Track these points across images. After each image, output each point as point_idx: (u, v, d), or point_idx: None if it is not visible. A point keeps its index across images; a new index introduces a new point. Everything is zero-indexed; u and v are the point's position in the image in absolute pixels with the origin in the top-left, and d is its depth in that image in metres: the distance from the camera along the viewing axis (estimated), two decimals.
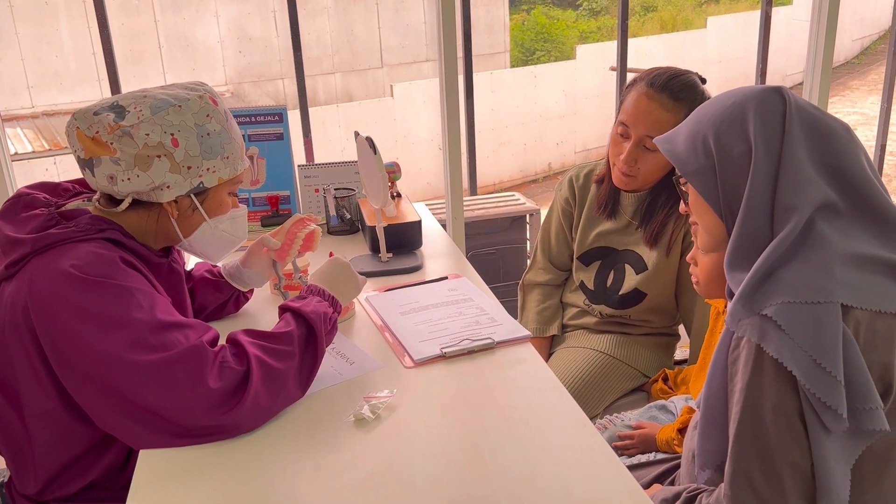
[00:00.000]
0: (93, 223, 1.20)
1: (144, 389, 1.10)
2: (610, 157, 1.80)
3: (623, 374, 1.83)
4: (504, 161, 10.90)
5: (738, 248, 1.07)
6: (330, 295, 1.35)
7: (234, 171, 1.31)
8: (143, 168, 1.20)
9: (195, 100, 1.24)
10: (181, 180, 1.24)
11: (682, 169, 1.13)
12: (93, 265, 1.14)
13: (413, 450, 1.12)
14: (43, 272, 1.14)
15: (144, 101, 1.21)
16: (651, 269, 1.81)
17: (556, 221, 1.99)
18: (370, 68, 11.12)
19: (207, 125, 1.25)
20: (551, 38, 14.22)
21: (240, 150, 1.32)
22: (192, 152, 1.23)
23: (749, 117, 1.06)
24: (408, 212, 1.95)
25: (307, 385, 1.25)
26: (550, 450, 1.11)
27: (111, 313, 1.11)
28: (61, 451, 1.22)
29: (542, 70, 11.35)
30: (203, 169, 1.25)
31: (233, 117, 1.33)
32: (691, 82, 1.69)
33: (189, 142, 1.22)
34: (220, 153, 1.27)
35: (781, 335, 0.97)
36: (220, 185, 1.30)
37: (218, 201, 1.32)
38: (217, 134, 1.26)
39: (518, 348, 1.40)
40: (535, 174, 11.29)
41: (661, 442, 1.52)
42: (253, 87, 10.59)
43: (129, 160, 1.19)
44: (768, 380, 0.99)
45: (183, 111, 1.22)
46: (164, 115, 1.21)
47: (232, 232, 1.37)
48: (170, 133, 1.21)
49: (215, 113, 1.26)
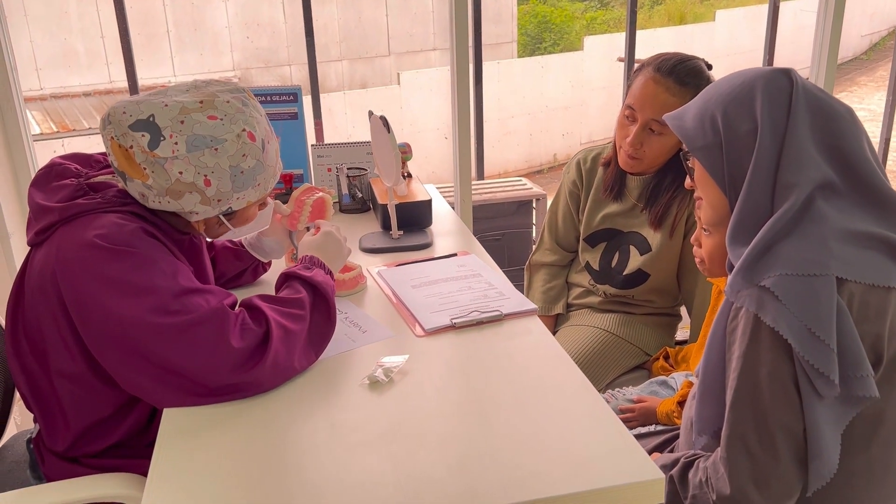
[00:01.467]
0: (119, 196, 1.25)
1: (169, 351, 1.15)
2: (616, 140, 1.85)
3: (625, 351, 1.89)
4: (509, 151, 10.93)
5: (739, 223, 1.12)
6: (328, 269, 1.41)
7: (263, 192, 1.33)
8: (174, 198, 1.23)
9: (232, 141, 1.22)
10: (210, 210, 1.27)
11: (690, 145, 1.17)
12: (117, 234, 1.18)
13: (424, 411, 1.17)
14: (69, 241, 1.19)
15: (181, 131, 1.19)
16: (655, 250, 1.86)
17: (563, 203, 2.03)
18: (377, 56, 11.15)
19: (242, 164, 1.24)
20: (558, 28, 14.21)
21: (273, 171, 1.33)
22: (223, 189, 1.25)
23: (757, 97, 1.10)
24: (418, 191, 1.99)
25: (321, 349, 1.31)
26: (554, 412, 1.16)
27: (135, 280, 1.16)
28: (89, 411, 1.27)
29: (549, 60, 11.37)
30: (233, 199, 1.28)
31: (271, 132, 1.32)
32: (697, 67, 1.73)
33: (222, 182, 1.24)
34: (251, 184, 1.28)
35: (779, 305, 1.02)
36: (249, 205, 1.34)
37: (245, 217, 1.37)
38: (251, 170, 1.26)
39: (525, 321, 1.45)
40: (540, 165, 11.32)
41: (662, 414, 1.57)
42: (260, 73, 10.61)
43: (161, 189, 1.22)
44: (765, 347, 1.04)
45: (219, 154, 1.22)
46: (199, 157, 1.20)
47: (255, 227, 1.44)
48: (203, 174, 1.22)
49: (251, 150, 1.25)
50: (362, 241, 1.87)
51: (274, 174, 1.34)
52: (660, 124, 1.72)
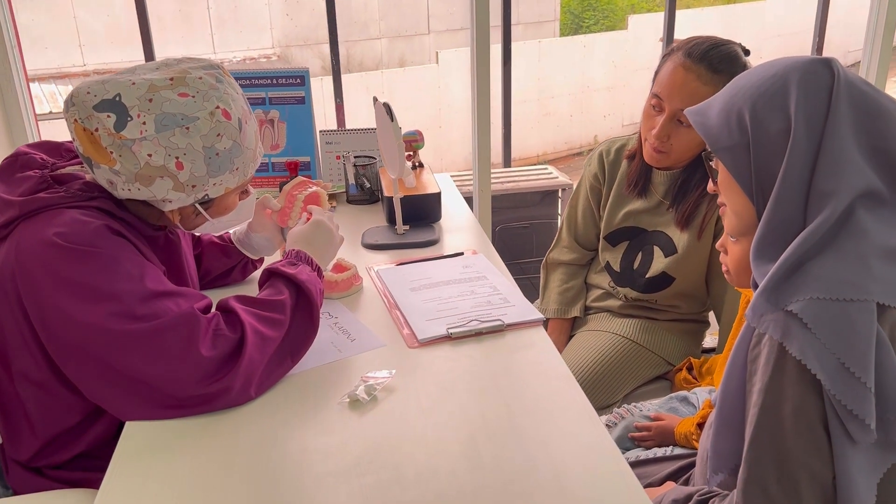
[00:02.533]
0: (85, 189, 1.16)
1: (133, 359, 1.07)
2: (642, 131, 1.70)
3: (646, 361, 1.75)
4: (548, 132, 10.71)
5: (766, 236, 0.98)
6: (317, 265, 1.30)
7: (243, 178, 1.23)
8: (145, 184, 1.13)
9: (205, 119, 1.12)
10: (185, 197, 1.17)
11: (713, 144, 1.04)
12: (78, 233, 1.09)
13: (405, 436, 1.06)
14: (29, 239, 1.10)
15: (150, 110, 1.10)
16: (681, 252, 1.71)
17: (583, 198, 1.89)
18: (416, 34, 10.99)
19: (217, 144, 1.15)
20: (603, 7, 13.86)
21: (252, 155, 1.23)
22: (197, 173, 1.15)
23: (791, 91, 0.96)
24: (428, 183, 1.87)
25: (298, 356, 1.21)
26: (551, 443, 1.04)
27: (96, 284, 1.07)
28: (54, 419, 1.19)
29: (591, 40, 11.08)
30: (209, 185, 1.18)
31: (248, 112, 1.22)
32: (732, 53, 1.57)
33: (195, 164, 1.14)
34: (228, 168, 1.18)
35: (807, 334, 0.89)
36: (228, 192, 1.23)
37: (225, 205, 1.27)
38: (227, 151, 1.16)
39: (529, 332, 1.33)
40: (580, 146, 11.08)
41: (680, 435, 1.44)
42: (300, 51, 10.55)
43: (130, 175, 1.12)
44: (790, 381, 0.91)
45: (191, 133, 1.12)
46: (170, 137, 1.10)
47: (237, 219, 1.33)
48: (174, 156, 1.12)
49: (227, 129, 1.15)
50: (365, 235, 1.76)
51: (254, 158, 1.24)
52: None
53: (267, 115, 2.03)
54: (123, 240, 1.14)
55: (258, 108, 2.03)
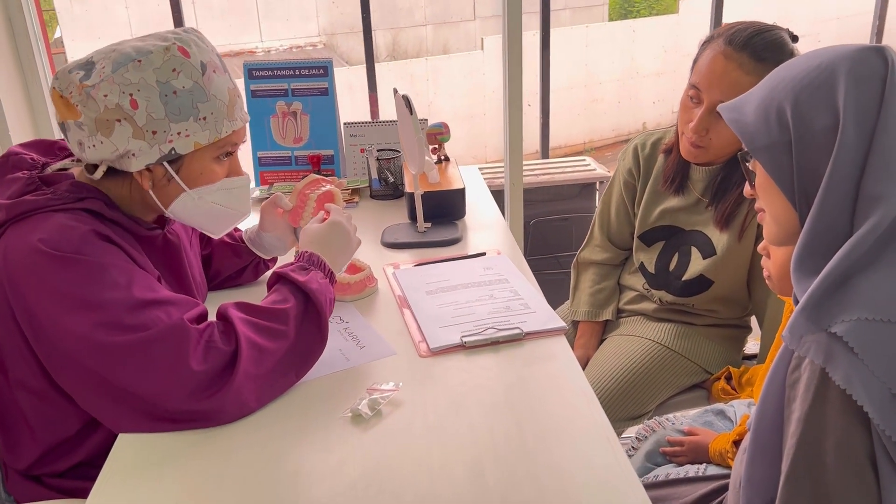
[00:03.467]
0: (72, 190, 1.10)
1: (122, 371, 1.02)
2: (679, 125, 1.58)
3: (681, 369, 1.64)
4: (596, 119, 10.51)
5: (809, 245, 0.88)
6: (330, 269, 1.22)
7: (215, 134, 1.14)
8: (105, 134, 1.07)
9: (158, 52, 1.07)
10: (147, 147, 1.09)
11: (751, 144, 0.93)
12: (64, 239, 1.04)
13: (407, 457, 0.99)
14: (15, 245, 1.06)
15: (110, 57, 1.07)
16: (720, 253, 1.60)
17: (616, 194, 1.79)
18: (462, 20, 10.87)
19: (173, 81, 1.08)
20: None
21: (224, 108, 1.14)
22: (154, 114, 1.08)
23: (839, 83, 0.85)
24: (453, 178, 1.79)
25: (304, 370, 1.14)
26: (565, 469, 0.95)
27: (80, 293, 1.02)
28: (53, 428, 1.15)
29: (641, 24, 10.81)
30: (172, 133, 1.10)
31: (222, 69, 1.16)
32: (778, 39, 1.44)
33: (151, 102, 1.07)
34: (192, 114, 1.10)
35: (853, 359, 0.79)
36: (199, 150, 1.14)
37: (199, 170, 1.16)
38: (186, 92, 1.09)
39: (549, 341, 1.24)
40: (628, 134, 10.84)
41: (714, 453, 1.33)
42: (345, 39, 10.53)
43: (91, 125, 1.07)
44: (832, 412, 0.81)
45: (143, 66, 1.06)
46: (124, 73, 1.06)
47: (226, 204, 1.21)
48: (128, 93, 1.06)
49: (184, 66, 1.09)
50: (385, 233, 1.68)
51: (226, 113, 1.14)
52: None
53: (290, 107, 1.97)
54: (112, 245, 1.09)
55: (280, 99, 1.96)
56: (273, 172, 2.01)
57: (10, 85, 2.04)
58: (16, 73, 2.07)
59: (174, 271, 1.25)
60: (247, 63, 1.95)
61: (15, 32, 2.04)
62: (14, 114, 2.04)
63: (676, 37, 10.43)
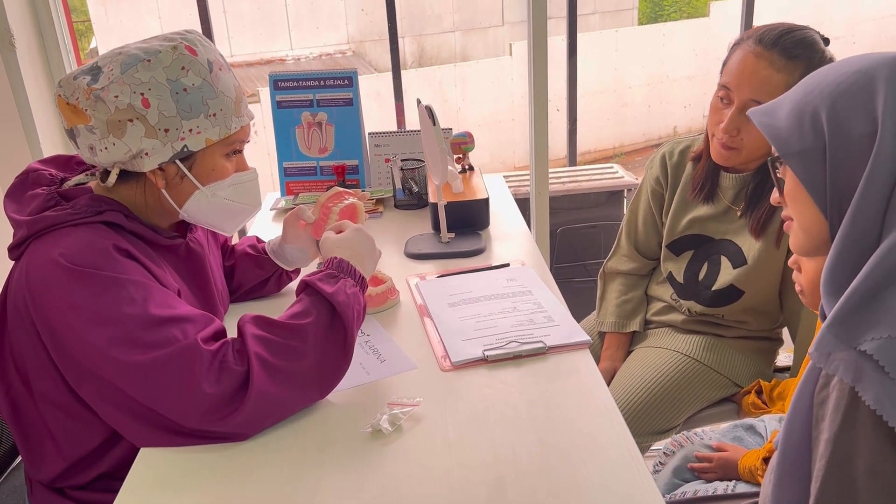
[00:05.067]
0: (91, 204, 1.11)
1: (138, 387, 1.02)
2: (709, 127, 1.55)
3: (711, 382, 1.61)
4: (625, 124, 10.42)
5: (840, 257, 0.84)
6: (360, 275, 1.19)
7: (225, 130, 1.15)
8: (118, 135, 1.08)
9: (167, 52, 1.10)
10: (160, 146, 1.11)
11: (782, 149, 0.90)
12: (83, 254, 1.05)
13: (428, 475, 0.97)
14: (37, 260, 1.07)
15: (117, 59, 1.08)
16: (751, 263, 1.56)
17: (644, 203, 1.76)
18: (490, 26, 10.86)
19: (183, 79, 1.10)
20: None
21: (232, 105, 1.16)
22: (166, 112, 1.09)
23: (878, 89, 0.82)
24: (477, 188, 1.78)
25: (327, 387, 1.11)
26: (588, 487, 0.93)
27: (97, 308, 1.02)
28: (77, 441, 1.15)
29: (671, 28, 10.70)
30: (184, 131, 1.11)
31: (227, 67, 1.17)
32: (808, 37, 1.42)
33: (162, 100, 1.09)
34: (202, 111, 1.12)
35: (884, 379, 0.76)
36: (211, 146, 1.15)
37: (211, 166, 1.17)
38: (196, 89, 1.11)
39: (573, 356, 1.22)
40: (658, 138, 10.73)
41: (744, 469, 1.30)
42: (374, 46, 10.58)
43: (103, 127, 1.08)
44: (863, 434, 0.78)
45: (152, 66, 1.08)
46: (133, 73, 1.07)
47: (237, 199, 1.22)
48: (139, 93, 1.07)
49: (193, 64, 1.11)
50: (408, 244, 1.68)
51: (234, 110, 1.16)
52: None
53: (315, 118, 1.97)
54: (131, 260, 1.09)
55: (305, 110, 1.97)
56: (298, 183, 2.02)
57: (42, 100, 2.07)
58: (47, 91, 2.10)
59: (198, 280, 1.25)
60: (272, 74, 1.96)
61: (46, 47, 2.07)
62: (45, 126, 2.07)
63: (707, 40, 10.31)
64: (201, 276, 1.27)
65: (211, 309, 1.29)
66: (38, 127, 2.01)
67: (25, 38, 2.02)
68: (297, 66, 9.70)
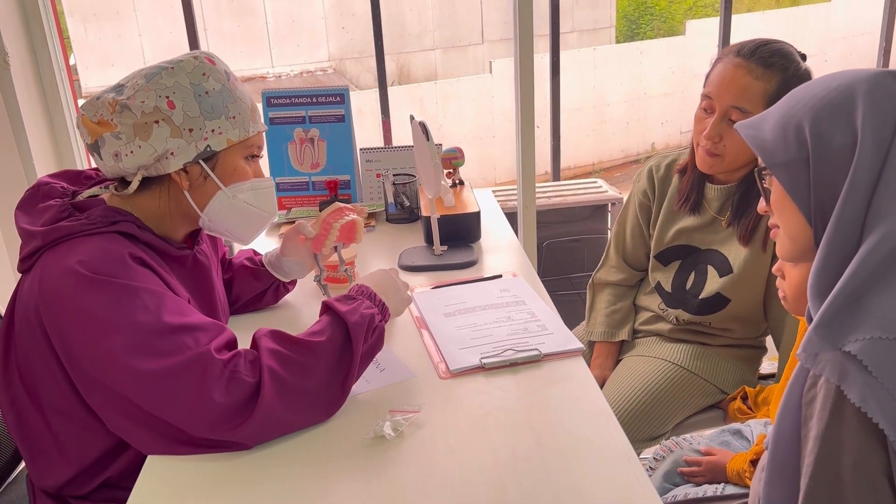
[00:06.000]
0: (106, 214, 1.14)
1: (148, 396, 1.04)
2: (694, 137, 1.62)
3: (698, 389, 1.65)
4: (604, 140, 10.54)
5: (825, 261, 0.88)
6: (381, 300, 1.22)
7: (244, 133, 1.21)
8: (144, 137, 1.14)
9: (189, 60, 1.18)
10: (185, 145, 1.16)
11: (768, 160, 0.95)
12: (99, 262, 1.07)
13: (431, 479, 1.00)
14: (51, 268, 1.09)
15: (140, 73, 1.17)
16: (737, 271, 1.61)
17: (632, 216, 1.81)
18: (470, 44, 10.96)
19: (205, 83, 1.17)
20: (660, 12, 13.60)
21: (249, 111, 1.23)
22: (191, 113, 1.15)
23: (857, 103, 0.87)
24: (468, 201, 1.82)
25: (333, 407, 1.13)
26: (587, 488, 0.97)
27: (112, 316, 1.04)
28: (83, 450, 1.17)
29: (648, 46, 10.87)
30: (207, 130, 1.17)
31: (237, 79, 1.24)
32: (784, 49, 1.51)
33: (186, 102, 1.15)
34: (223, 112, 1.18)
35: (867, 378, 0.80)
36: (231, 148, 1.21)
37: (232, 167, 1.22)
38: (217, 93, 1.18)
39: (567, 363, 1.25)
40: (636, 154, 10.86)
41: (732, 472, 1.34)
42: (354, 64, 10.64)
43: (129, 132, 1.14)
44: (849, 430, 0.82)
45: (176, 72, 1.16)
46: (158, 80, 1.15)
47: (256, 204, 1.26)
48: (165, 96, 1.14)
49: (212, 72, 1.19)
50: (402, 256, 1.71)
51: (251, 116, 1.23)
52: (741, 112, 1.48)
53: (307, 134, 2.01)
54: (145, 268, 1.11)
55: (298, 126, 2.00)
56: (291, 198, 2.05)
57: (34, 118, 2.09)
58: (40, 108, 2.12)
59: (202, 292, 1.28)
60: (265, 91, 1.99)
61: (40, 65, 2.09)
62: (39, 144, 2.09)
63: (683, 58, 10.49)
64: (206, 288, 1.29)
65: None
66: (31, 145, 2.03)
67: (19, 57, 2.04)
68: (279, 84, 9.73)
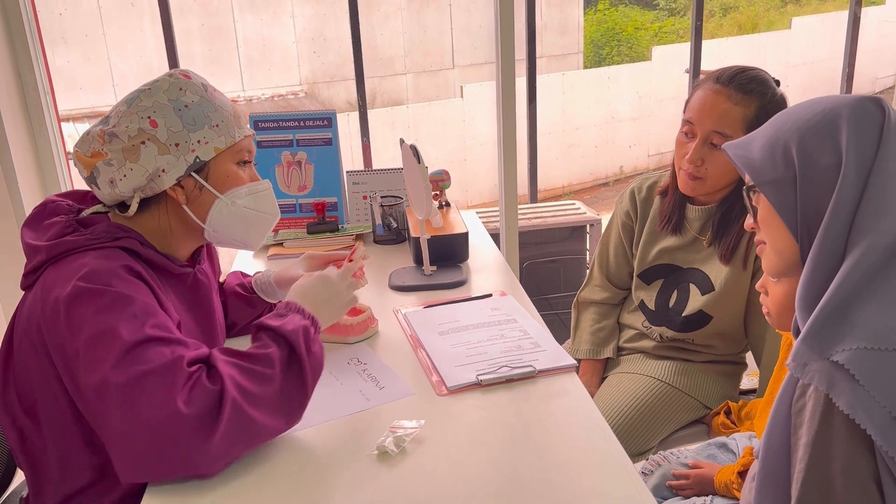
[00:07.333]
0: (109, 230, 1.16)
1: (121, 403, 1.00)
2: (675, 161, 1.67)
3: (682, 404, 1.70)
4: (574, 164, 10.69)
5: (812, 275, 0.93)
6: (310, 314, 1.20)
7: (230, 139, 1.23)
8: (133, 159, 1.16)
9: (164, 79, 1.21)
10: (174, 160, 1.18)
11: (757, 178, 1.00)
12: (95, 273, 1.08)
13: (435, 493, 1.02)
14: (54, 280, 1.10)
15: (122, 100, 1.20)
16: (718, 289, 1.67)
17: (615, 236, 1.86)
18: (441, 69, 11.08)
19: (183, 98, 1.20)
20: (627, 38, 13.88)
21: (232, 117, 1.24)
22: (174, 128, 1.18)
23: (842, 125, 0.93)
24: (455, 222, 1.85)
25: (296, 413, 1.12)
26: (588, 499, 1.00)
27: (99, 321, 1.04)
28: (78, 475, 1.16)
29: (615, 71, 11.09)
30: (193, 142, 1.19)
31: (216, 89, 1.26)
32: (761, 76, 1.58)
33: (168, 119, 1.18)
34: (206, 122, 1.20)
35: (855, 387, 0.84)
36: (220, 155, 1.23)
37: (224, 174, 1.24)
38: (196, 104, 1.20)
39: (561, 378, 1.29)
40: (605, 177, 11.03)
41: (720, 484, 1.38)
42: (327, 87, 10.68)
43: (119, 157, 1.17)
44: (838, 437, 0.86)
45: (153, 92, 1.19)
46: (138, 103, 1.18)
47: (256, 208, 1.28)
48: (146, 116, 1.17)
49: (189, 85, 1.21)
50: (392, 277, 1.74)
51: (234, 122, 1.25)
52: (722, 136, 1.54)
53: (294, 157, 2.03)
54: (139, 281, 1.12)
55: (285, 149, 2.03)
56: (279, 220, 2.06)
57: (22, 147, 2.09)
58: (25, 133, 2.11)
59: (201, 310, 1.29)
60: (253, 115, 2.02)
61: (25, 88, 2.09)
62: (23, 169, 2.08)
63: (650, 83, 10.71)
64: (206, 307, 1.30)
65: (211, 339, 1.33)
66: (17, 170, 2.02)
67: (5, 81, 2.04)
68: (250, 108, 9.72)
